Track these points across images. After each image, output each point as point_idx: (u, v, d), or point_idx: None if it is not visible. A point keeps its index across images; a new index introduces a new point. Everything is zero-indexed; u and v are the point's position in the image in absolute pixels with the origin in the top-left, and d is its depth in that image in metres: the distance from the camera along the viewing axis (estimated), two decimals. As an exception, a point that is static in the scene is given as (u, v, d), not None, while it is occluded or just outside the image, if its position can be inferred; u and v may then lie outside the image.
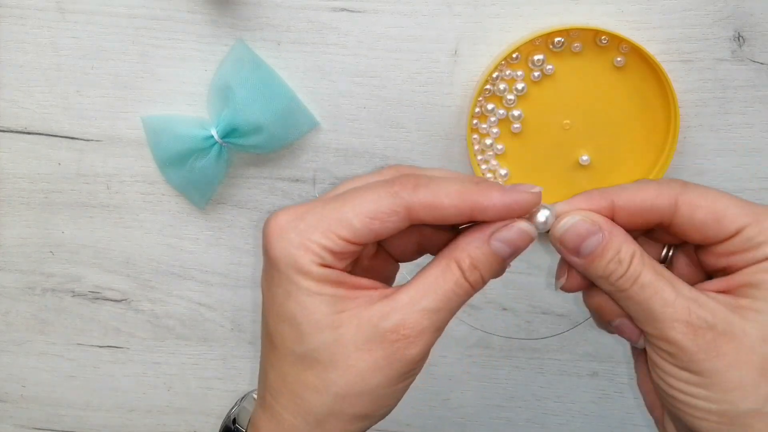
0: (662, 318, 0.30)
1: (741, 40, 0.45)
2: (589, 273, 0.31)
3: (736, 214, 0.31)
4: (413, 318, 0.30)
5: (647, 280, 0.30)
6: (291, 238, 0.30)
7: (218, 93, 0.46)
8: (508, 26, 0.45)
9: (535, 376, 0.55)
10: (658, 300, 0.30)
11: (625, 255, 0.30)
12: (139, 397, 0.57)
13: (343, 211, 0.30)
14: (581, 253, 0.31)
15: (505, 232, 0.30)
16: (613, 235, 0.31)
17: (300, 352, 0.30)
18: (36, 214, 0.52)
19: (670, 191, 0.31)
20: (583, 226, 0.31)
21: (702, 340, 0.29)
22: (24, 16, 0.46)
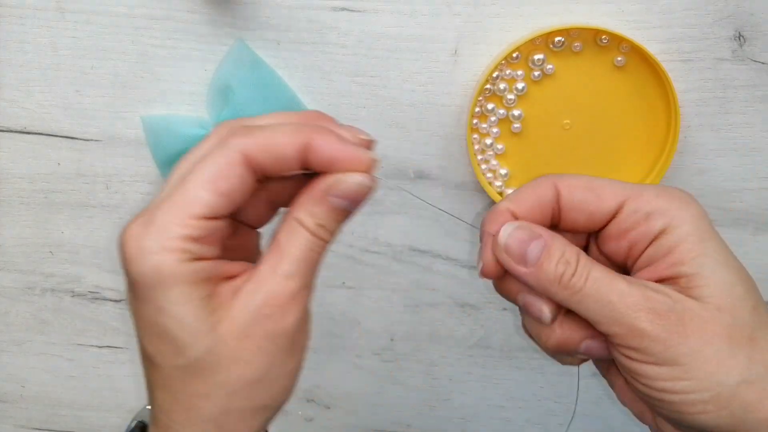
0: (625, 310, 0.30)
1: (741, 39, 0.45)
2: (540, 282, 0.31)
3: (613, 190, 0.32)
4: (277, 287, 0.29)
5: (599, 274, 0.30)
6: (148, 246, 0.27)
7: (218, 92, 0.46)
8: (508, 26, 0.45)
9: (535, 376, 0.55)
10: (615, 292, 0.30)
11: (570, 255, 0.31)
12: (138, 397, 0.57)
13: (186, 189, 0.28)
14: (528, 260, 0.31)
15: (341, 186, 0.29)
16: (554, 238, 0.31)
17: (183, 365, 0.28)
18: (35, 214, 0.51)
19: (546, 181, 0.32)
20: (523, 232, 0.31)
21: (669, 323, 0.29)
22: (24, 16, 0.46)
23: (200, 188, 0.28)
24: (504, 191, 0.48)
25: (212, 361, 0.28)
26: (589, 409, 0.56)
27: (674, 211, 0.31)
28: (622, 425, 0.56)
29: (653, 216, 0.31)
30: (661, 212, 0.31)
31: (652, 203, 0.31)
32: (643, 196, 0.31)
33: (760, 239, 0.50)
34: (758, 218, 0.49)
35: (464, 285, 0.52)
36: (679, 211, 0.31)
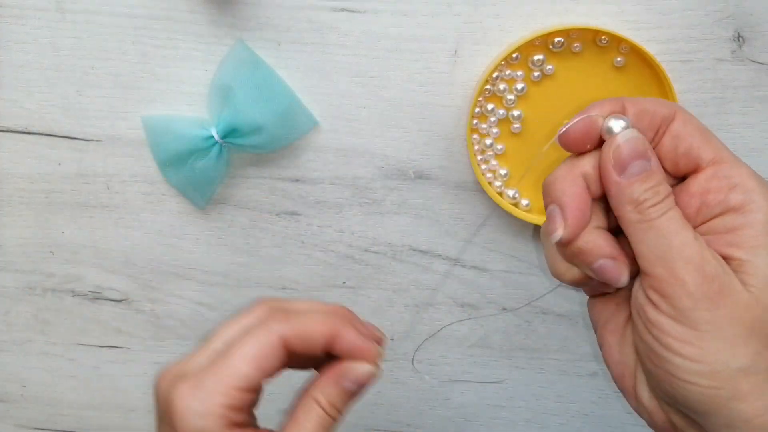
0: (677, 257, 0.30)
1: (741, 40, 0.45)
2: (622, 196, 0.31)
3: (718, 146, 0.32)
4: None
5: (676, 215, 0.31)
6: (195, 408, 0.32)
7: (218, 93, 0.46)
8: (508, 26, 0.45)
9: (535, 376, 0.55)
10: (679, 237, 0.30)
11: (662, 188, 0.31)
12: (139, 397, 0.57)
13: (232, 364, 0.32)
14: (627, 171, 0.31)
15: (353, 374, 0.34)
16: (658, 168, 0.32)
17: None
18: (36, 214, 0.52)
19: (669, 108, 0.33)
20: (643, 145, 0.32)
21: (708, 288, 0.29)
22: (24, 16, 0.46)
23: (244, 364, 0.32)
24: (504, 191, 0.48)
25: None
26: (589, 409, 0.56)
27: (757, 195, 0.31)
28: (622, 425, 0.56)
29: (737, 189, 0.31)
30: (746, 190, 0.31)
31: (743, 177, 0.31)
32: (740, 168, 0.32)
33: (759, 239, 0.50)
34: (758, 218, 0.49)
35: (464, 285, 0.52)
36: (762, 196, 0.31)
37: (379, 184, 0.49)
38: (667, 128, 0.32)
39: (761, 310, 0.30)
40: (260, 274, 0.52)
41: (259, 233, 0.51)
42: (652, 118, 0.32)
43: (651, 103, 0.33)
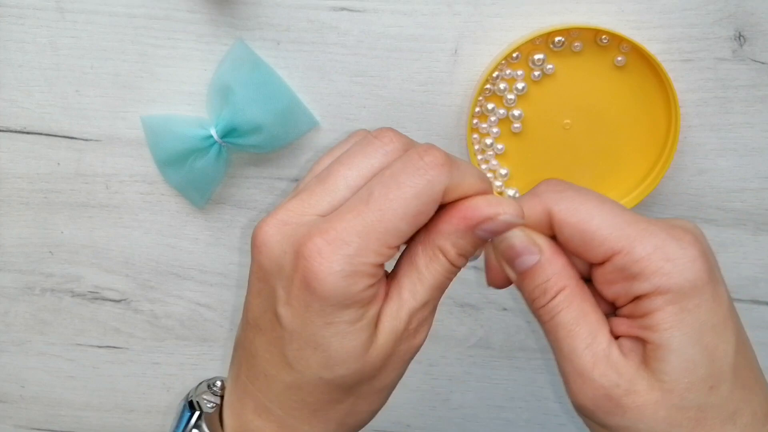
0: (568, 366, 0.30)
1: (742, 39, 0.45)
2: (520, 291, 0.31)
3: (605, 238, 0.29)
4: (417, 313, 0.31)
5: (564, 320, 0.30)
6: (342, 269, 0.28)
7: (218, 93, 0.46)
8: (509, 25, 0.45)
9: (535, 376, 0.55)
10: (567, 344, 0.30)
11: (551, 286, 0.30)
12: (138, 397, 0.57)
13: (388, 218, 0.28)
14: (515, 267, 0.31)
15: (492, 225, 0.30)
16: (549, 262, 0.30)
17: (327, 377, 0.30)
18: (35, 214, 0.51)
19: (539, 204, 0.31)
20: (519, 243, 0.31)
21: (603, 402, 0.29)
22: (23, 16, 0.46)
23: (402, 221, 0.28)
24: (504, 191, 0.48)
25: (355, 378, 0.31)
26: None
27: (661, 277, 0.28)
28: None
29: (638, 278, 0.29)
30: (647, 275, 0.28)
31: (641, 263, 0.29)
32: (635, 252, 0.29)
33: (760, 239, 0.50)
34: (758, 218, 0.49)
35: (464, 285, 0.52)
36: (667, 277, 0.28)
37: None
38: (552, 227, 0.31)
39: (678, 398, 0.28)
40: (260, 274, 0.52)
41: (259, 233, 0.51)
42: (536, 225, 0.31)
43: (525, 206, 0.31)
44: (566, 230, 0.30)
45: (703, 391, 0.29)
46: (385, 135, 0.31)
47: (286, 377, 0.31)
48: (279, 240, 0.30)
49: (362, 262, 0.28)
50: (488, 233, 0.30)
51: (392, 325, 0.30)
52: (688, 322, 0.28)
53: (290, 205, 0.30)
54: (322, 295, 0.28)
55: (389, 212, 0.28)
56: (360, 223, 0.28)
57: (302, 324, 0.29)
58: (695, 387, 0.29)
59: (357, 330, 0.29)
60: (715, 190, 0.49)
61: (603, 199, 0.30)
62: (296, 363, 0.30)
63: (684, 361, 0.28)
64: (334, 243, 0.28)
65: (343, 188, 0.30)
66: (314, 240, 0.28)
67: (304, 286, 0.28)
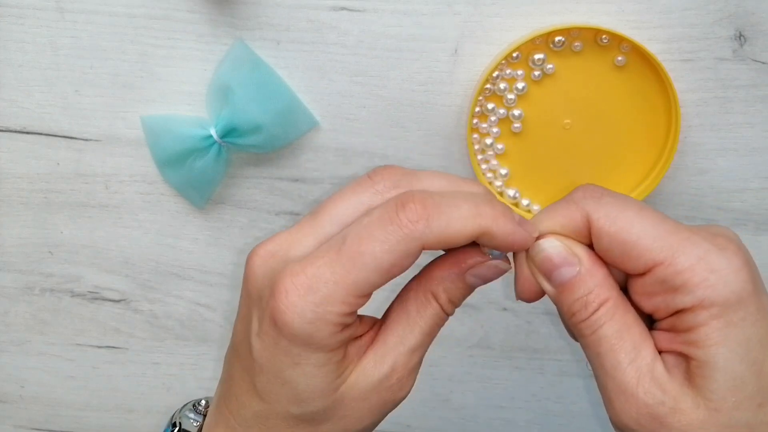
0: (610, 383, 0.29)
1: (742, 39, 0.45)
2: (557, 305, 0.30)
3: (647, 248, 0.28)
4: (403, 360, 0.30)
5: (607, 334, 0.29)
6: (306, 315, 0.28)
7: (217, 92, 0.46)
8: (509, 25, 0.45)
9: (535, 376, 0.55)
10: (610, 359, 0.29)
11: (593, 299, 0.29)
12: (138, 397, 0.56)
13: (357, 271, 0.28)
14: (552, 280, 0.30)
15: (483, 270, 0.30)
16: (590, 273, 0.29)
17: (296, 413, 0.30)
18: (35, 214, 0.51)
19: (577, 211, 0.29)
20: (557, 254, 0.30)
21: (646, 421, 0.28)
22: (23, 16, 0.46)
23: (373, 273, 0.28)
24: (504, 191, 0.48)
25: (324, 416, 0.30)
26: (590, 409, 0.55)
27: (705, 290, 0.27)
28: (623, 425, 0.56)
29: (681, 290, 0.27)
30: (691, 288, 0.27)
31: (685, 275, 0.27)
32: (678, 262, 0.27)
33: (760, 239, 0.50)
34: (759, 218, 0.49)
35: (464, 285, 0.52)
36: (711, 290, 0.27)
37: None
38: (591, 234, 0.29)
39: (726, 417, 0.27)
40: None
41: (259, 233, 0.51)
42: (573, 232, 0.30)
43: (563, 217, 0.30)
44: (605, 239, 0.29)
45: (751, 409, 0.27)
46: (378, 173, 0.30)
47: (256, 406, 0.31)
48: (264, 271, 0.30)
49: (328, 311, 0.28)
50: (479, 279, 0.30)
51: (371, 371, 0.30)
52: (734, 337, 0.27)
53: (280, 236, 0.30)
54: (288, 335, 0.28)
55: (359, 264, 0.28)
56: (329, 272, 0.28)
57: (271, 358, 0.29)
58: (743, 405, 0.27)
59: (324, 373, 0.29)
60: (715, 190, 0.49)
61: (643, 207, 0.29)
62: (265, 395, 0.30)
63: (731, 379, 0.27)
64: (302, 288, 0.28)
65: (329, 224, 0.30)
66: (285, 280, 0.28)
67: (272, 323, 0.28)
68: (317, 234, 0.30)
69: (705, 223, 0.49)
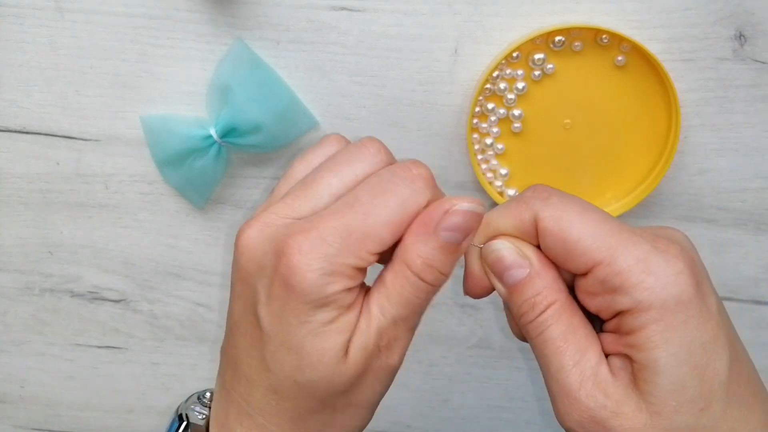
0: (554, 385, 0.29)
1: (742, 39, 0.45)
2: (508, 305, 0.31)
3: (587, 247, 0.28)
4: (386, 328, 0.30)
5: (553, 335, 0.29)
6: (321, 267, 0.28)
7: (217, 92, 0.46)
8: (509, 25, 0.45)
9: (535, 376, 0.55)
10: (555, 362, 0.29)
11: (541, 300, 0.29)
12: (137, 397, 0.56)
13: (371, 224, 0.28)
14: (504, 281, 0.30)
15: (454, 219, 0.29)
16: (539, 275, 0.30)
17: (301, 381, 0.30)
18: (34, 213, 0.51)
19: (527, 210, 0.30)
20: (508, 255, 0.30)
21: (590, 425, 0.28)
22: (22, 16, 0.46)
23: (384, 227, 0.28)
24: (504, 191, 0.48)
25: (327, 387, 0.30)
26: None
27: (642, 292, 0.27)
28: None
29: (620, 291, 0.28)
30: (628, 289, 0.27)
31: (622, 276, 0.27)
32: (617, 263, 0.27)
33: (760, 239, 0.50)
34: (759, 218, 0.49)
35: (464, 285, 0.52)
36: (648, 292, 0.27)
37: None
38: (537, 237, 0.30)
39: (667, 421, 0.27)
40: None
41: (259, 233, 0.51)
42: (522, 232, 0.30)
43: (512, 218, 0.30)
44: (548, 239, 0.29)
45: (693, 413, 0.27)
46: (373, 145, 0.31)
47: (265, 380, 0.31)
48: (260, 242, 0.30)
49: (342, 263, 0.28)
50: (452, 231, 0.29)
51: (361, 341, 0.30)
52: (675, 341, 0.27)
53: (274, 208, 0.30)
54: (299, 292, 0.28)
55: (373, 217, 0.28)
56: (342, 225, 0.28)
57: (279, 324, 0.29)
58: (684, 409, 0.27)
59: (330, 331, 0.29)
60: (715, 190, 0.49)
61: (587, 207, 0.29)
62: (272, 365, 0.30)
63: (671, 383, 0.27)
64: (315, 241, 0.28)
65: (326, 195, 0.30)
66: (295, 237, 0.28)
67: (283, 283, 0.28)
68: (315, 204, 0.30)
69: (705, 223, 0.49)
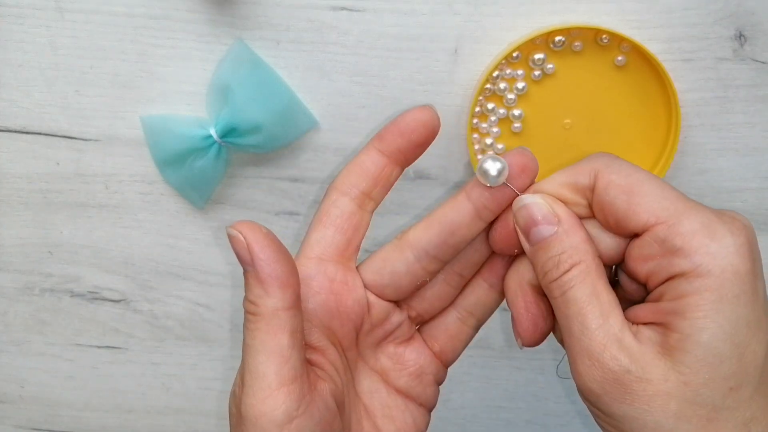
0: (577, 346, 0.28)
1: (742, 39, 0.45)
2: (532, 263, 0.30)
3: (652, 205, 0.28)
4: None
5: (576, 296, 0.28)
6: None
7: (217, 92, 0.46)
8: (509, 25, 0.45)
9: (535, 376, 0.55)
10: (577, 323, 0.28)
11: (566, 258, 0.29)
12: (137, 397, 0.56)
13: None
14: (531, 237, 0.29)
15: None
16: (567, 233, 0.29)
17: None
18: (34, 214, 0.51)
19: (588, 167, 0.29)
20: (538, 210, 0.29)
21: (611, 387, 0.27)
22: (22, 16, 0.46)
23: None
24: (504, 191, 0.48)
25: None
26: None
27: (705, 257, 0.26)
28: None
29: (680, 254, 0.27)
30: (689, 252, 0.27)
31: (685, 238, 0.27)
32: (682, 225, 0.27)
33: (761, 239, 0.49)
34: (759, 218, 0.49)
35: (464, 285, 0.52)
36: (711, 258, 0.26)
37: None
38: (593, 194, 0.30)
39: (692, 393, 0.26)
40: (259, 275, 0.52)
41: (259, 233, 0.51)
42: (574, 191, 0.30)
43: (568, 175, 0.30)
44: (612, 191, 0.28)
45: (721, 391, 0.27)
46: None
47: None
48: None
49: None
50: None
51: None
52: (725, 313, 0.26)
53: None
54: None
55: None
56: None
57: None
58: (714, 384, 0.26)
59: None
60: (715, 190, 0.49)
61: (654, 175, 0.29)
62: None
63: (711, 355, 0.26)
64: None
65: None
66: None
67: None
68: None
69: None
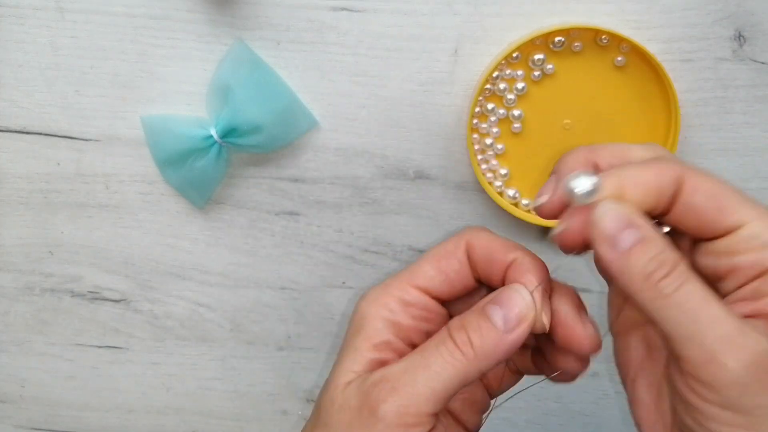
0: (711, 336, 0.26)
1: (742, 39, 0.45)
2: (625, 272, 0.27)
3: (738, 205, 0.27)
4: (414, 405, 0.30)
5: (696, 287, 0.27)
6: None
7: (217, 92, 0.46)
8: (509, 25, 0.45)
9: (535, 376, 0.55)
10: (707, 312, 0.26)
11: (668, 257, 0.27)
12: (138, 397, 0.56)
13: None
14: (619, 244, 0.27)
15: (499, 294, 0.29)
16: (656, 234, 0.28)
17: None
18: (35, 214, 0.51)
19: (671, 171, 0.28)
20: (627, 215, 0.28)
21: (756, 369, 0.25)
22: (23, 16, 0.46)
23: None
24: (504, 191, 0.48)
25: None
26: (590, 409, 0.55)
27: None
28: (623, 426, 0.56)
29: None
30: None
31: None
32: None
33: (760, 239, 0.50)
34: (758, 218, 0.49)
35: (464, 285, 0.52)
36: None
37: (379, 184, 0.49)
38: (676, 198, 0.28)
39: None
40: (259, 274, 0.52)
41: (259, 233, 0.51)
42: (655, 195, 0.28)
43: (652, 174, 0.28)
44: (701, 194, 0.28)
45: None
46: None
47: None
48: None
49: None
50: (500, 307, 0.31)
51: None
52: None
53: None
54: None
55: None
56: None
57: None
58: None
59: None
60: (715, 190, 0.49)
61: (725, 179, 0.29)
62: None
63: None
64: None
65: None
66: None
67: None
68: None
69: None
